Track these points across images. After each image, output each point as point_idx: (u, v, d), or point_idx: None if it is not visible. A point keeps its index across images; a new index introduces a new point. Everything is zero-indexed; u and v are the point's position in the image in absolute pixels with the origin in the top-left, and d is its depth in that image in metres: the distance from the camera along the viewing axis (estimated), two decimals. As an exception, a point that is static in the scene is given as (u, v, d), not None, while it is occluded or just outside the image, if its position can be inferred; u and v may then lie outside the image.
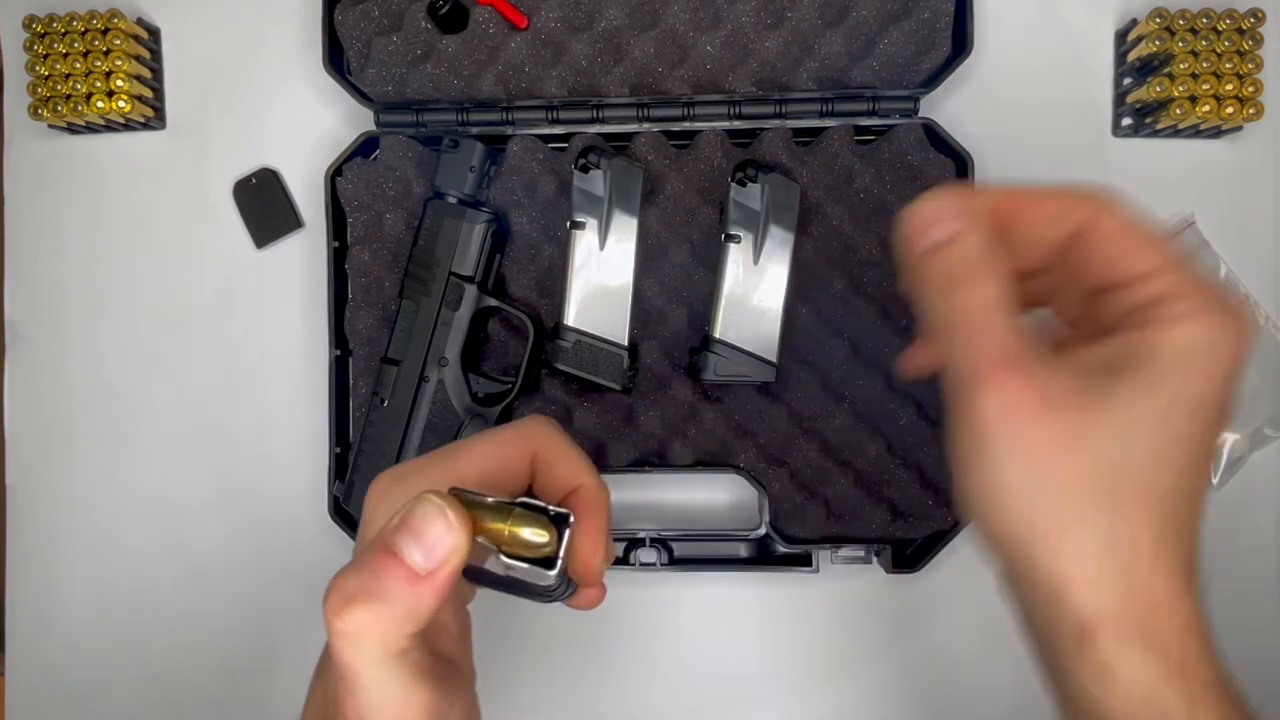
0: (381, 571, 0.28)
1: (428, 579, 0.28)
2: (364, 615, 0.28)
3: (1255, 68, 0.59)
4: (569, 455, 0.37)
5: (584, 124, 0.62)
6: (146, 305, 0.66)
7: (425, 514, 0.28)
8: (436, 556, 0.28)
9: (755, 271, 0.59)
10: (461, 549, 0.29)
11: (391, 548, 0.29)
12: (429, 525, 0.28)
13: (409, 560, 0.28)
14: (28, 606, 0.66)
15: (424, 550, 0.28)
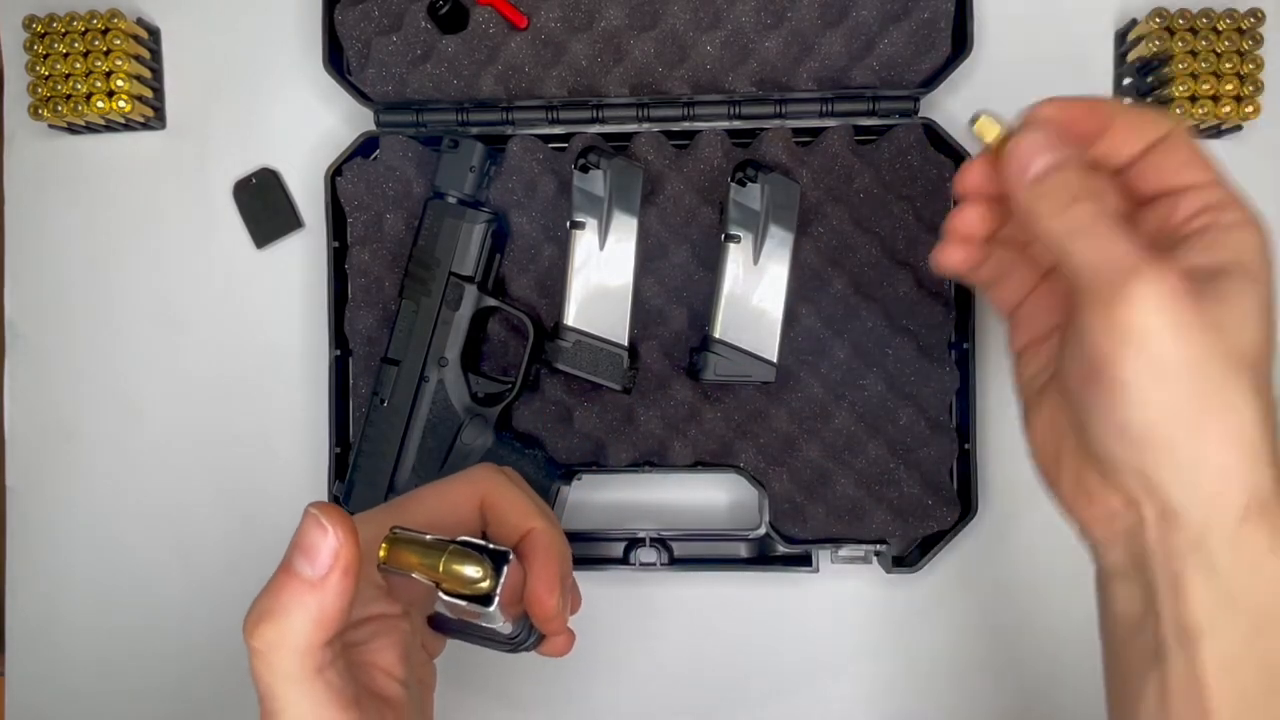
0: (280, 589, 0.31)
1: (320, 584, 0.31)
2: (271, 630, 0.31)
3: (1255, 68, 0.59)
4: (517, 501, 0.39)
5: (584, 124, 0.62)
6: (146, 305, 0.66)
7: (306, 527, 0.31)
8: (323, 562, 0.31)
9: (755, 271, 0.59)
10: (345, 552, 0.31)
11: (287, 565, 0.31)
12: (310, 535, 0.31)
13: (301, 573, 0.31)
14: (28, 606, 0.66)
15: (310, 559, 0.31)
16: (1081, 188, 0.34)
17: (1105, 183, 0.35)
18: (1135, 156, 0.37)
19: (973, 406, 0.61)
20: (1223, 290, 0.32)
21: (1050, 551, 0.64)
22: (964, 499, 0.61)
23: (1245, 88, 0.59)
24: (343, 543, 0.31)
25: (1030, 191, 0.35)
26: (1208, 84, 0.59)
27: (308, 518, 0.31)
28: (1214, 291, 0.32)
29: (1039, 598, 0.64)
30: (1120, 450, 0.33)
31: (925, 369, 0.61)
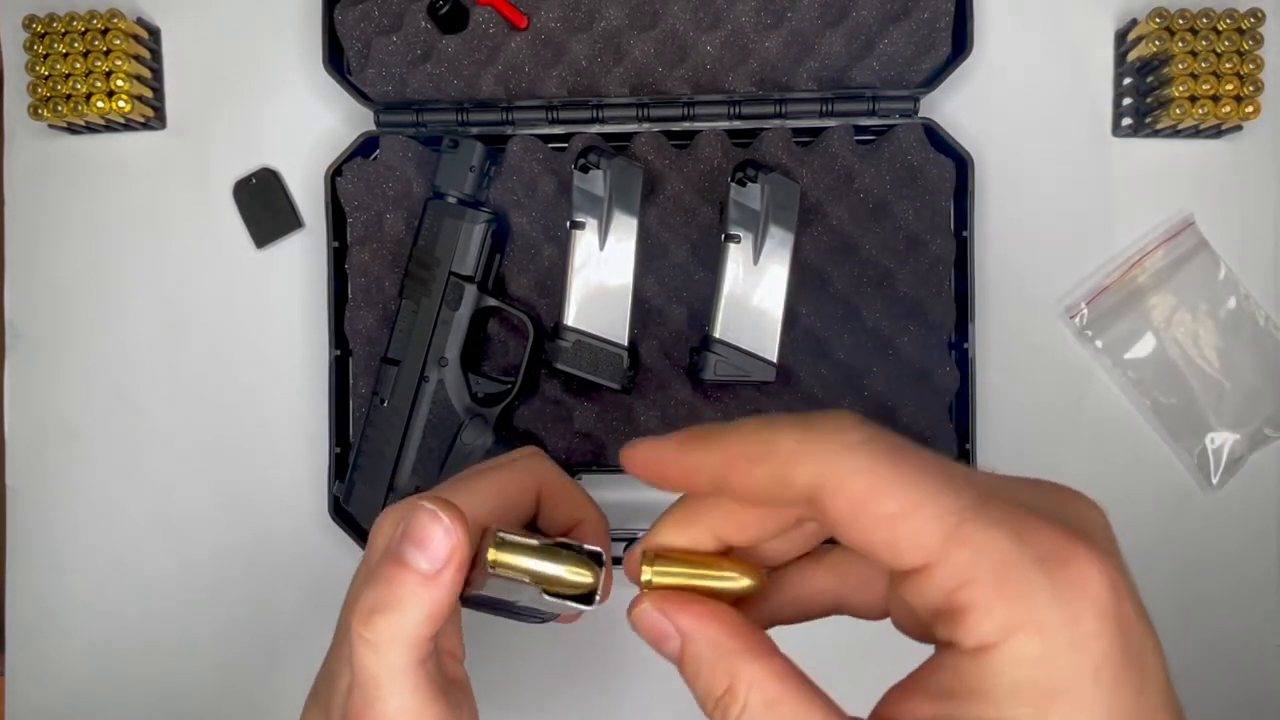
0: (395, 581, 0.30)
1: (435, 579, 0.30)
2: (387, 623, 0.30)
3: (1255, 68, 0.59)
4: (572, 492, 0.38)
5: (584, 124, 0.62)
6: (146, 305, 0.66)
7: (420, 519, 0.30)
8: (439, 557, 0.30)
9: (755, 271, 0.59)
10: (461, 547, 0.30)
11: (400, 557, 0.30)
12: (425, 529, 0.30)
13: (416, 566, 0.30)
14: (28, 606, 0.66)
15: (428, 554, 0.30)
16: (712, 688, 0.25)
17: (745, 656, 0.25)
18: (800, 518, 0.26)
19: (973, 406, 0.61)
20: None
21: (1050, 551, 0.64)
22: (964, 499, 0.61)
23: (1245, 88, 0.59)
24: (459, 540, 0.30)
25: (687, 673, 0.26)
26: (1208, 84, 0.59)
27: (421, 510, 0.30)
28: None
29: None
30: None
31: (925, 369, 0.61)
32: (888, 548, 0.22)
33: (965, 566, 0.21)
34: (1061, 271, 0.64)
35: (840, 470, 0.22)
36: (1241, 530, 0.64)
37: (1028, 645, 0.20)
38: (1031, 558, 0.21)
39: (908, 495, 0.21)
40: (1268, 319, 0.64)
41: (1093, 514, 0.24)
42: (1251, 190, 0.64)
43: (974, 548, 0.21)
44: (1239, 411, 0.64)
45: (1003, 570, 0.21)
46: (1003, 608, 0.20)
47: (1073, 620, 0.20)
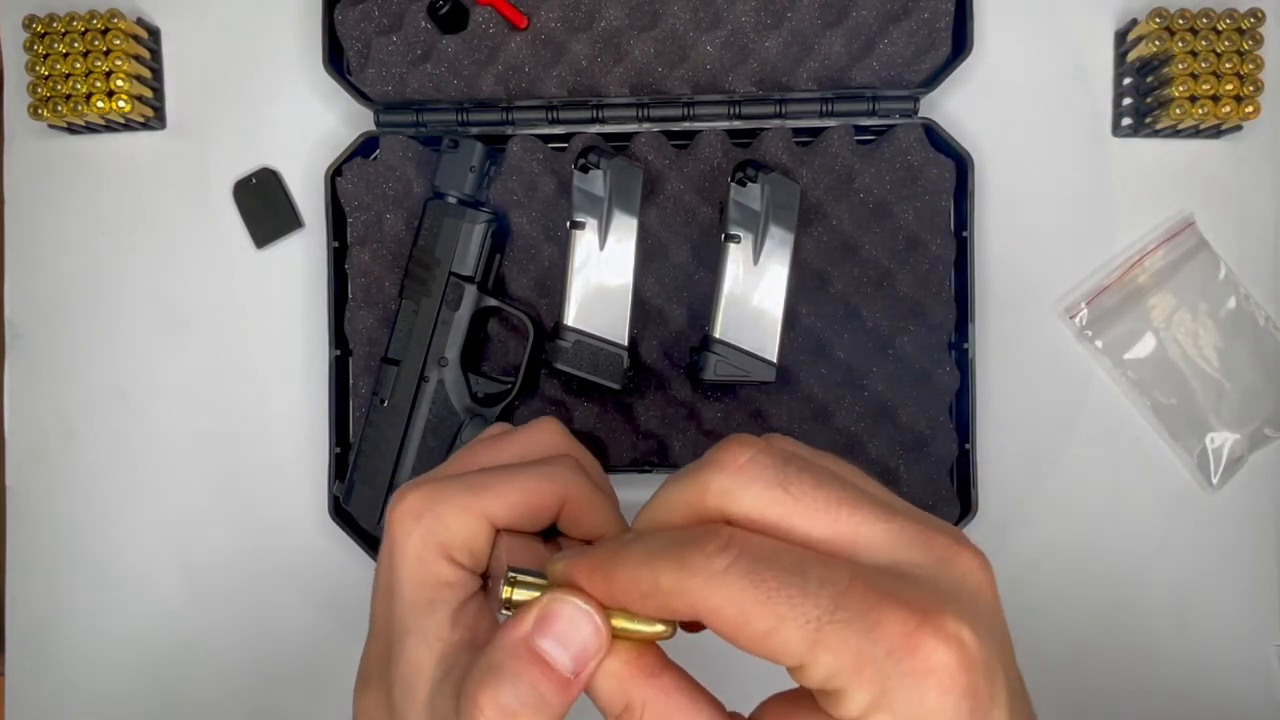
0: (538, 683, 0.28)
1: (576, 682, 0.28)
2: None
3: (1255, 68, 0.59)
4: (599, 509, 0.36)
5: (584, 124, 0.62)
6: (146, 305, 0.66)
7: (573, 619, 0.28)
8: (585, 661, 0.28)
9: (755, 271, 0.59)
10: (605, 651, 0.28)
11: (539, 652, 0.28)
12: (576, 630, 0.28)
13: (561, 668, 0.28)
14: (28, 606, 0.66)
15: (574, 656, 0.28)
16: (614, 708, 0.28)
17: (641, 682, 0.28)
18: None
19: (972, 406, 0.61)
20: None
21: (1049, 551, 0.64)
22: (964, 499, 0.61)
23: (1245, 88, 0.59)
24: (605, 650, 0.28)
25: None
26: (1208, 84, 0.59)
27: (575, 609, 0.28)
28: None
29: (1038, 597, 0.64)
30: None
31: (925, 369, 0.61)
32: (768, 654, 0.25)
33: (828, 664, 0.24)
34: (1061, 271, 0.64)
35: (713, 602, 0.25)
36: (1241, 530, 0.64)
37: (890, 710, 0.24)
38: (884, 650, 0.24)
39: (771, 613, 0.24)
40: (1268, 319, 0.64)
41: (971, 573, 0.27)
42: (1251, 190, 0.64)
43: (832, 650, 0.24)
44: (1239, 411, 0.64)
45: (859, 664, 0.24)
46: (862, 694, 0.24)
47: (919, 700, 0.23)
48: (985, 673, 0.24)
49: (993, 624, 0.26)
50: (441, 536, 0.33)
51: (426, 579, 0.33)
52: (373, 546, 0.62)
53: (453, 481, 0.34)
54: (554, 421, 0.39)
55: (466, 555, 0.33)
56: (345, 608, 0.65)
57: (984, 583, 0.27)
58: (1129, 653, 0.64)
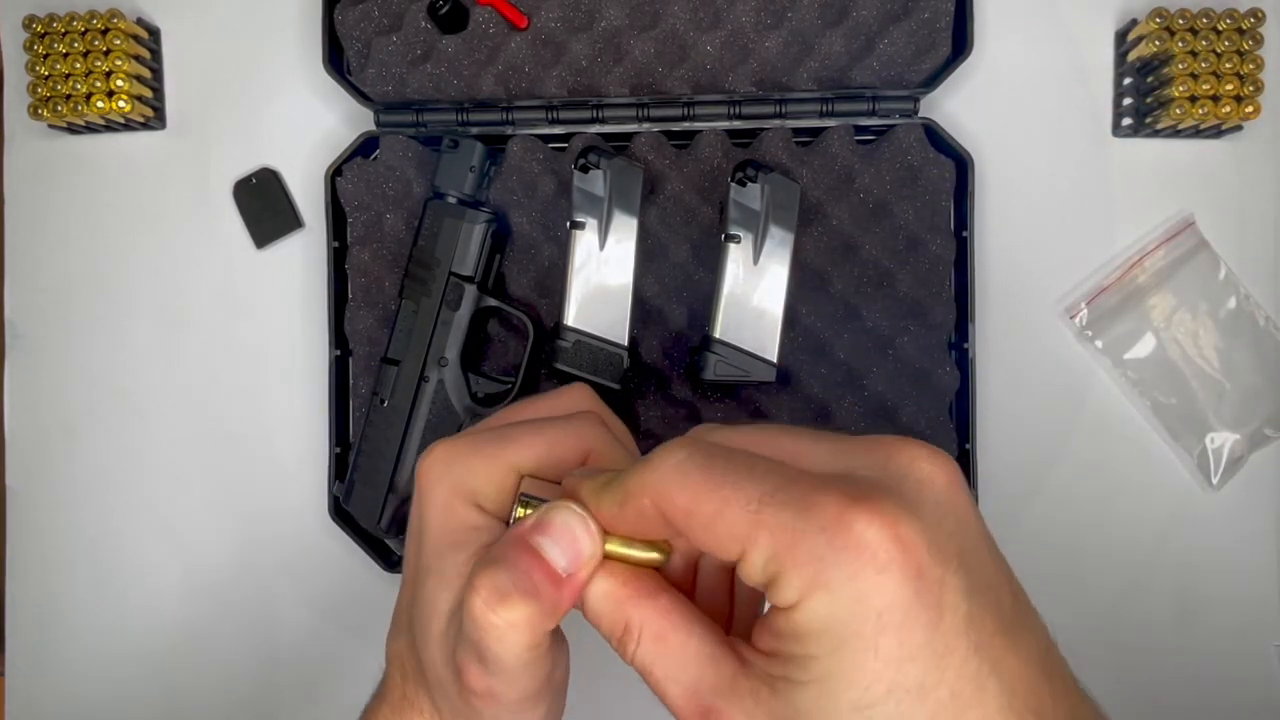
0: (531, 570, 0.30)
1: (569, 581, 0.30)
2: (518, 612, 0.30)
3: (1255, 68, 0.59)
4: (619, 461, 0.37)
5: (584, 124, 0.62)
6: (146, 305, 0.66)
7: (567, 521, 0.30)
8: (579, 562, 0.30)
9: (755, 271, 0.59)
10: (599, 557, 0.30)
11: (534, 548, 0.30)
12: (571, 531, 0.30)
13: (555, 563, 0.30)
14: (28, 606, 0.66)
15: (568, 555, 0.30)
16: (615, 629, 0.30)
17: (636, 601, 0.29)
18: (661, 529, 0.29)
19: (973, 406, 0.61)
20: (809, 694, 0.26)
21: (1049, 550, 0.64)
22: (964, 499, 0.61)
23: (1245, 88, 0.59)
24: (598, 555, 0.30)
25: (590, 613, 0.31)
26: (1208, 84, 0.59)
27: (571, 514, 0.30)
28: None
29: (1038, 597, 0.64)
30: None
31: (925, 369, 0.61)
32: (717, 545, 0.27)
33: (766, 545, 0.25)
34: (1061, 271, 0.64)
35: (669, 490, 0.27)
36: (1241, 530, 0.64)
37: (819, 603, 0.25)
38: (816, 528, 0.25)
39: (718, 494, 0.26)
40: (1268, 319, 0.64)
41: (915, 463, 0.27)
42: (1251, 190, 0.64)
43: (770, 529, 0.25)
44: (1239, 411, 0.64)
45: (794, 543, 0.25)
46: (797, 575, 0.25)
47: (853, 577, 0.24)
48: (931, 554, 0.25)
49: (946, 510, 0.27)
50: (469, 484, 0.34)
51: (451, 523, 0.34)
52: (373, 546, 0.62)
53: (480, 434, 0.35)
54: (583, 386, 0.40)
55: (491, 502, 0.34)
56: (345, 607, 0.65)
57: (934, 473, 0.27)
58: (1129, 652, 0.64)
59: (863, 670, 0.25)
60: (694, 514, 0.27)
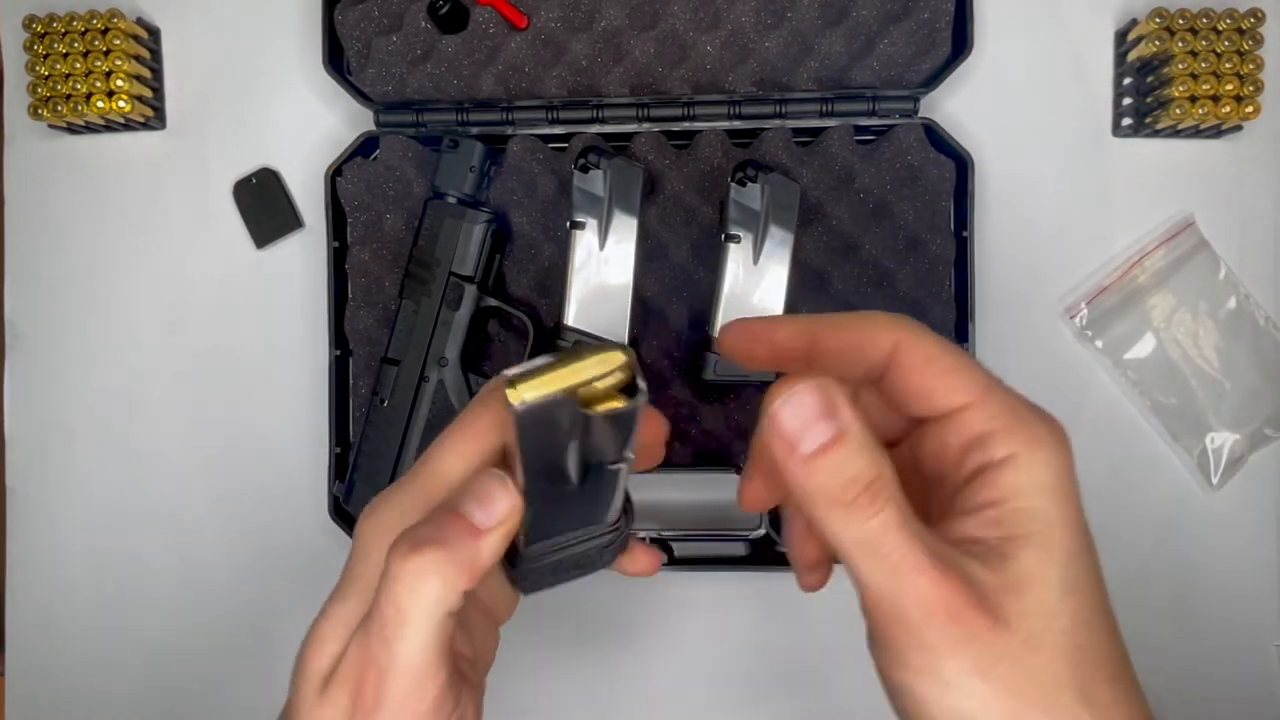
0: (446, 524, 0.31)
1: (486, 534, 0.31)
2: (430, 557, 0.30)
3: (1255, 68, 0.59)
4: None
5: (584, 124, 0.62)
6: (146, 305, 0.66)
7: (485, 481, 0.31)
8: (495, 516, 0.31)
9: (755, 271, 0.59)
10: (517, 510, 0.31)
11: (452, 508, 0.31)
12: (489, 488, 0.31)
13: (470, 516, 0.31)
14: (28, 606, 0.66)
15: (484, 508, 0.31)
16: (864, 474, 0.28)
17: (886, 459, 0.29)
18: (874, 370, 0.31)
19: (973, 406, 0.61)
20: (1027, 581, 0.28)
21: (1050, 551, 0.64)
22: (964, 499, 0.61)
23: (1245, 88, 0.59)
24: (516, 507, 0.31)
25: (804, 480, 0.28)
26: (1208, 84, 0.59)
27: (489, 475, 0.31)
28: (1010, 605, 0.28)
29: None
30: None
31: (925, 369, 0.61)
32: (944, 390, 0.30)
33: (996, 407, 0.30)
34: (1061, 271, 0.64)
35: (915, 335, 0.31)
36: (1241, 530, 0.64)
37: (1040, 454, 0.29)
38: (1035, 413, 0.30)
39: (959, 358, 0.30)
40: (1268, 319, 0.64)
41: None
42: (1251, 190, 0.64)
43: (1000, 398, 0.30)
44: (1239, 411, 0.64)
45: (1018, 413, 0.30)
46: (1021, 433, 0.30)
47: (1061, 450, 0.30)
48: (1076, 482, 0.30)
49: None
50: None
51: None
52: (373, 546, 0.62)
53: (397, 486, 0.36)
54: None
55: None
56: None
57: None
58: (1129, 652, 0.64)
59: (1072, 516, 0.29)
60: (934, 360, 0.30)
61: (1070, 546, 0.29)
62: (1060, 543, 0.29)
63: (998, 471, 0.29)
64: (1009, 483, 0.29)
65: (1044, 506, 0.29)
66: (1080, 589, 0.29)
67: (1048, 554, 0.29)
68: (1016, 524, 0.29)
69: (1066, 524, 0.29)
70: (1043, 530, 0.29)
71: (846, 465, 0.28)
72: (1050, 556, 0.29)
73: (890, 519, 0.28)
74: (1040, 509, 0.29)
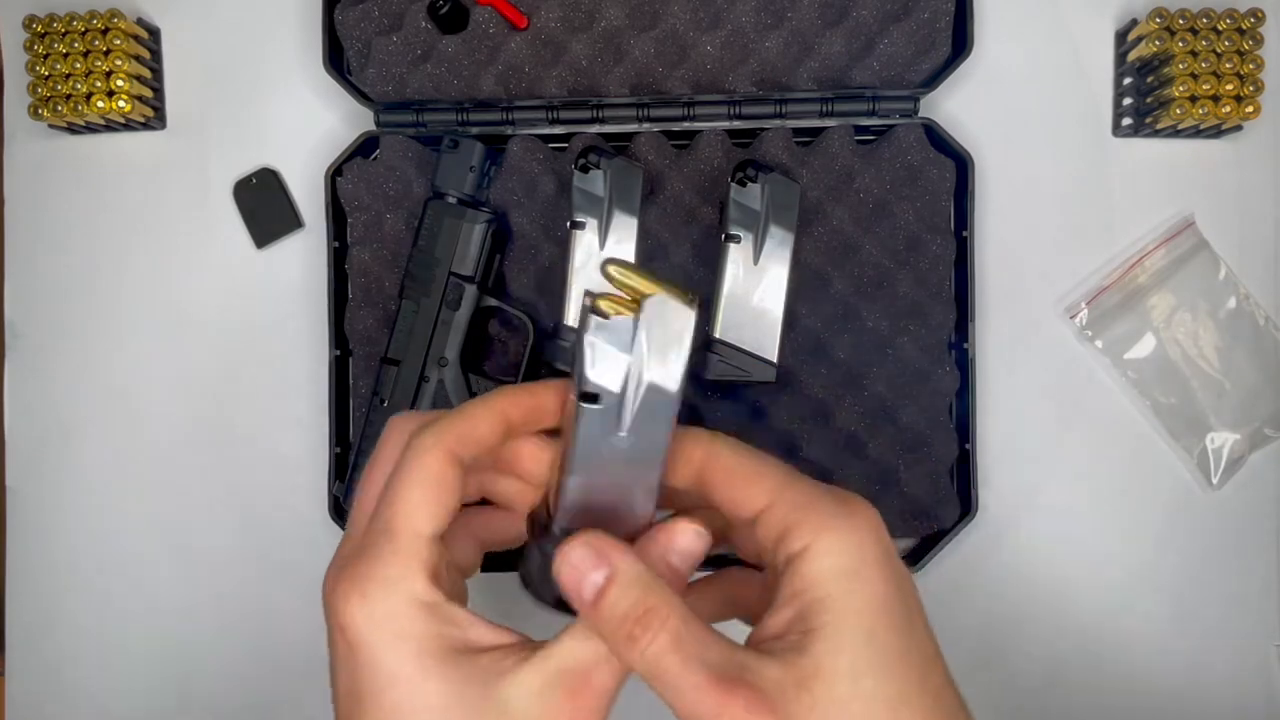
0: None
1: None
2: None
3: (1255, 68, 0.59)
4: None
5: (584, 124, 0.62)
6: (146, 305, 0.66)
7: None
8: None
9: (755, 271, 0.59)
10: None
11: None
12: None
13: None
14: (28, 606, 0.66)
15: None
16: (634, 608, 0.30)
17: (665, 591, 0.31)
18: (694, 481, 0.34)
19: (973, 406, 0.61)
20: (807, 689, 0.29)
21: (1050, 551, 0.64)
22: (964, 499, 0.61)
23: (1245, 88, 0.59)
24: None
25: (596, 624, 0.31)
26: (1208, 84, 0.59)
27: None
28: (800, 701, 0.28)
29: (1038, 597, 0.64)
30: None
31: (925, 369, 0.61)
32: (746, 496, 0.32)
33: (791, 503, 0.31)
34: (1061, 271, 0.64)
35: (716, 449, 0.33)
36: (1241, 530, 0.64)
37: (831, 539, 0.30)
38: (829, 498, 0.32)
39: (756, 463, 0.33)
40: (1268, 319, 0.64)
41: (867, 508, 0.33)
42: (1251, 190, 0.64)
43: (795, 491, 0.32)
44: (1239, 411, 0.64)
45: (812, 504, 0.31)
46: (813, 522, 0.31)
47: (855, 529, 0.31)
48: (890, 553, 0.32)
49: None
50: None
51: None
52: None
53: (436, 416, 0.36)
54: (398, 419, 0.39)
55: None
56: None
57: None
58: (1129, 652, 0.64)
59: (869, 596, 0.30)
60: (733, 471, 0.32)
61: (867, 628, 0.30)
62: (853, 627, 0.29)
63: (796, 563, 0.31)
64: (805, 573, 0.30)
65: (835, 594, 0.30)
66: (880, 670, 0.29)
67: (836, 643, 0.29)
68: (812, 615, 0.30)
69: (862, 607, 0.30)
70: (833, 619, 0.29)
71: (617, 604, 0.30)
72: (839, 644, 0.29)
73: (663, 645, 0.29)
74: (832, 596, 0.30)
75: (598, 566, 0.31)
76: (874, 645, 0.29)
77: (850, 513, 0.31)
